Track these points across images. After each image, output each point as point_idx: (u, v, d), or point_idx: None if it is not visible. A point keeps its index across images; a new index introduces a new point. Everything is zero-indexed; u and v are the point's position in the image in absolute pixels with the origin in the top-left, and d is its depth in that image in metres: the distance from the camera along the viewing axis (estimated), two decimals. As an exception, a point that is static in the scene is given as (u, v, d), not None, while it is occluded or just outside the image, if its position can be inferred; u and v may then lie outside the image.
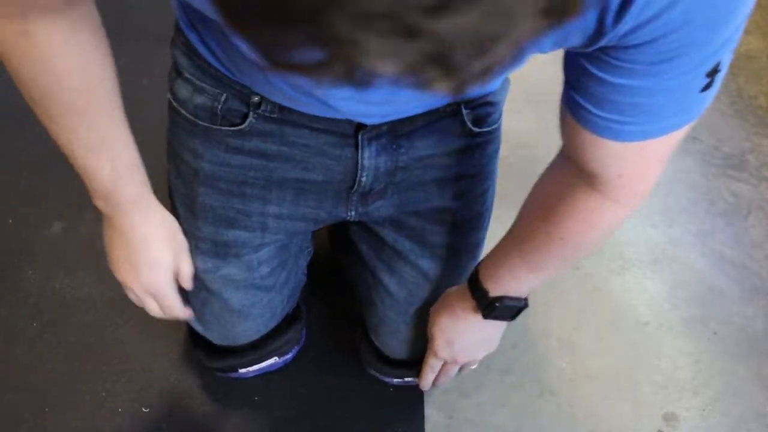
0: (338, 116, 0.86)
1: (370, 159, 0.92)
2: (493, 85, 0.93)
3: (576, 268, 1.46)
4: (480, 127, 0.96)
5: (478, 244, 1.09)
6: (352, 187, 0.96)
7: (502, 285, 0.92)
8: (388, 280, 1.08)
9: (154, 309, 0.98)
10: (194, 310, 1.06)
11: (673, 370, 1.32)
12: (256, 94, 0.87)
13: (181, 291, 1.01)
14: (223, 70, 0.87)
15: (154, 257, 0.92)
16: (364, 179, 0.94)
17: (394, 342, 1.14)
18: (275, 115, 0.89)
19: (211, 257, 1.00)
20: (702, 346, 1.36)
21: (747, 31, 2.11)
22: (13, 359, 1.23)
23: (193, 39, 0.87)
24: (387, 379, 1.21)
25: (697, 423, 1.25)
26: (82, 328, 1.28)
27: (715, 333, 1.39)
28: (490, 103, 0.96)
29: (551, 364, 1.31)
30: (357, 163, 0.92)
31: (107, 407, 1.18)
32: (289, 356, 1.20)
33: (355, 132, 0.90)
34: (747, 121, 1.84)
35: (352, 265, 1.17)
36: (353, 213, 1.01)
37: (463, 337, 1.01)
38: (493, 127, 0.99)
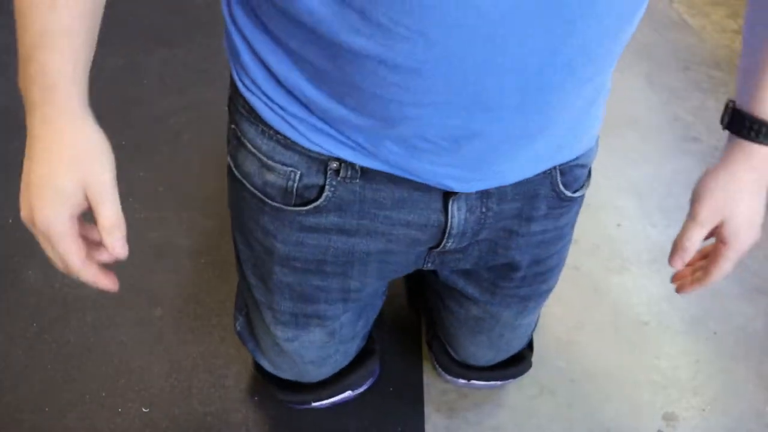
0: (432, 183, 0.76)
1: (459, 225, 0.83)
2: (588, 144, 0.85)
3: (575, 267, 1.46)
4: (571, 191, 0.88)
5: (549, 290, 1.04)
6: (434, 248, 0.89)
7: None
8: (456, 308, 1.07)
9: (51, 256, 0.70)
10: (266, 356, 1.04)
11: (673, 370, 1.32)
12: (337, 159, 0.76)
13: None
14: (295, 137, 0.75)
15: (54, 183, 0.65)
16: (450, 244, 0.86)
17: (461, 351, 1.14)
18: (357, 180, 0.78)
19: (291, 328, 0.96)
20: (702, 346, 1.37)
21: (738, 32, 2.11)
22: (13, 359, 1.23)
23: (257, 101, 0.75)
24: (451, 379, 1.21)
25: (697, 423, 1.25)
26: (82, 328, 1.28)
27: (714, 333, 1.39)
28: (582, 166, 0.88)
29: (550, 364, 1.31)
30: (444, 231, 0.84)
31: (107, 407, 1.18)
32: (363, 388, 1.18)
33: (444, 199, 0.81)
34: (747, 121, 1.84)
35: (423, 289, 1.17)
36: (429, 265, 0.94)
37: (735, 205, 0.80)
38: (582, 192, 0.91)
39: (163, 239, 1.48)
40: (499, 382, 1.22)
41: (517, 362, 1.19)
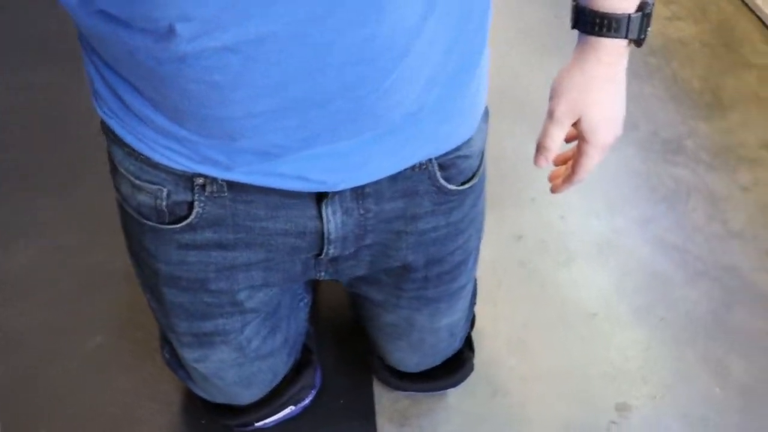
0: (298, 187, 0.76)
1: (336, 230, 0.83)
2: (463, 136, 0.84)
3: (521, 264, 1.46)
4: (456, 184, 0.87)
5: (461, 288, 1.03)
6: (319, 256, 0.88)
7: None
8: (370, 315, 1.07)
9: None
10: (195, 382, 1.03)
11: (623, 360, 1.33)
12: (200, 175, 0.76)
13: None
14: (155, 156, 0.75)
15: None
16: (332, 250, 0.86)
17: (388, 358, 1.14)
18: (225, 194, 0.78)
19: (196, 348, 0.95)
20: (650, 334, 1.37)
21: (679, 18, 2.13)
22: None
23: (115, 124, 0.75)
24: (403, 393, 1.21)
25: (649, 411, 1.26)
26: (20, 361, 1.24)
27: (662, 319, 1.39)
28: (465, 157, 0.86)
29: (502, 365, 1.30)
30: (323, 235, 0.83)
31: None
32: (305, 402, 1.18)
33: (317, 204, 0.81)
34: (683, 105, 1.86)
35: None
36: (323, 274, 0.94)
37: (589, 101, 0.81)
38: (471, 183, 0.89)
39: (98, 264, 1.43)
40: (446, 390, 1.21)
41: (458, 367, 1.19)
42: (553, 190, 0.92)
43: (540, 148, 0.84)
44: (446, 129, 0.79)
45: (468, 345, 1.22)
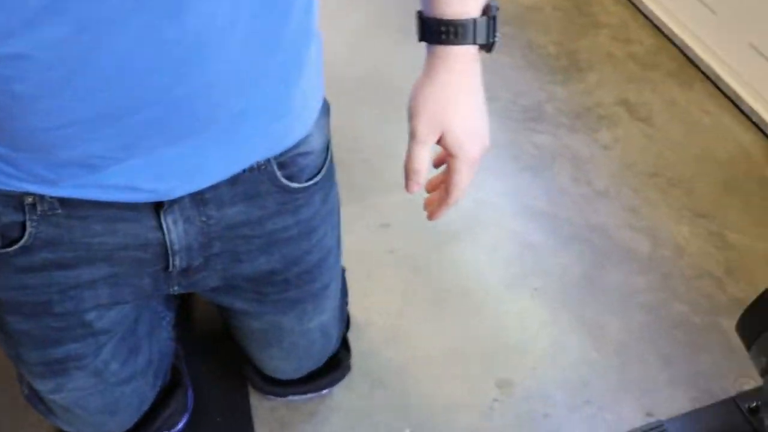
0: (131, 198, 0.72)
1: (179, 239, 0.79)
2: (298, 133, 0.81)
3: (390, 252, 1.43)
4: (300, 182, 0.84)
5: (325, 287, 0.99)
6: (167, 268, 0.83)
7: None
8: (238, 325, 1.03)
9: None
10: (56, 416, 0.97)
11: (501, 336, 1.31)
12: (29, 194, 0.71)
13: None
14: None
15: None
16: (177, 262, 0.82)
17: (264, 366, 1.10)
18: (58, 212, 0.73)
19: (50, 378, 0.89)
20: (525, 305, 1.36)
21: (525, -13, 2.15)
22: None
23: None
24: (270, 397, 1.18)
25: (530, 382, 1.25)
26: None
27: (535, 288, 1.39)
28: (306, 154, 0.83)
29: (378, 356, 1.27)
30: (166, 247, 0.79)
31: None
32: (179, 426, 1.13)
33: (155, 214, 0.76)
34: (539, 72, 1.87)
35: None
36: (176, 287, 0.89)
37: (448, 114, 0.78)
38: (316, 179, 0.86)
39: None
40: (323, 391, 1.17)
41: (333, 368, 1.16)
42: (430, 217, 0.87)
43: (408, 173, 0.79)
44: (278, 128, 0.76)
45: (344, 345, 1.19)
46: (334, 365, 1.16)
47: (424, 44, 0.77)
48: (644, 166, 1.65)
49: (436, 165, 0.84)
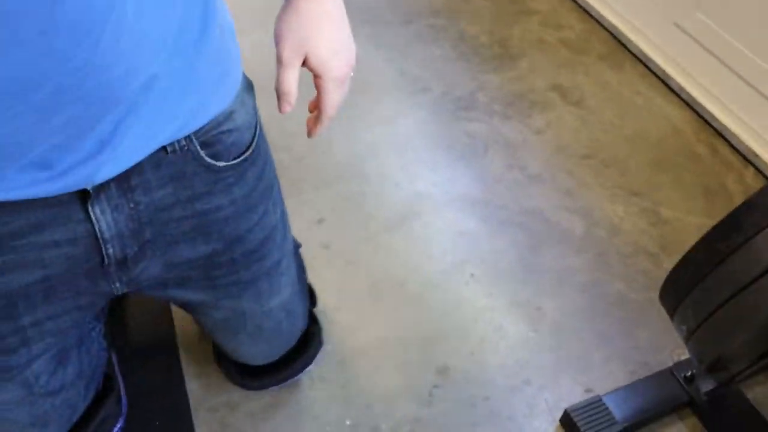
0: (50, 191, 0.70)
1: (109, 228, 0.77)
2: (214, 109, 0.80)
3: (325, 246, 1.42)
4: (228, 160, 0.83)
5: (276, 264, 0.98)
6: (103, 262, 0.81)
7: None
8: (202, 318, 1.03)
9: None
10: None
11: (438, 323, 1.31)
12: None
13: None
14: None
15: None
16: (111, 251, 0.80)
17: (238, 356, 1.12)
18: None
19: None
20: (462, 292, 1.37)
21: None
22: None
23: None
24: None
25: (468, 368, 1.25)
26: None
27: (472, 275, 1.39)
28: (229, 131, 0.82)
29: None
30: (97, 238, 0.77)
31: None
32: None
33: (82, 206, 0.75)
34: (471, 62, 1.87)
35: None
36: (118, 285, 0.87)
37: (310, 37, 0.83)
38: (245, 156, 0.86)
39: None
40: (299, 375, 1.20)
41: (306, 346, 1.17)
42: (309, 135, 0.92)
43: (280, 95, 0.84)
44: (191, 103, 0.75)
45: (313, 320, 1.21)
46: (308, 339, 1.17)
47: None
48: (578, 148, 1.66)
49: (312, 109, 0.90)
